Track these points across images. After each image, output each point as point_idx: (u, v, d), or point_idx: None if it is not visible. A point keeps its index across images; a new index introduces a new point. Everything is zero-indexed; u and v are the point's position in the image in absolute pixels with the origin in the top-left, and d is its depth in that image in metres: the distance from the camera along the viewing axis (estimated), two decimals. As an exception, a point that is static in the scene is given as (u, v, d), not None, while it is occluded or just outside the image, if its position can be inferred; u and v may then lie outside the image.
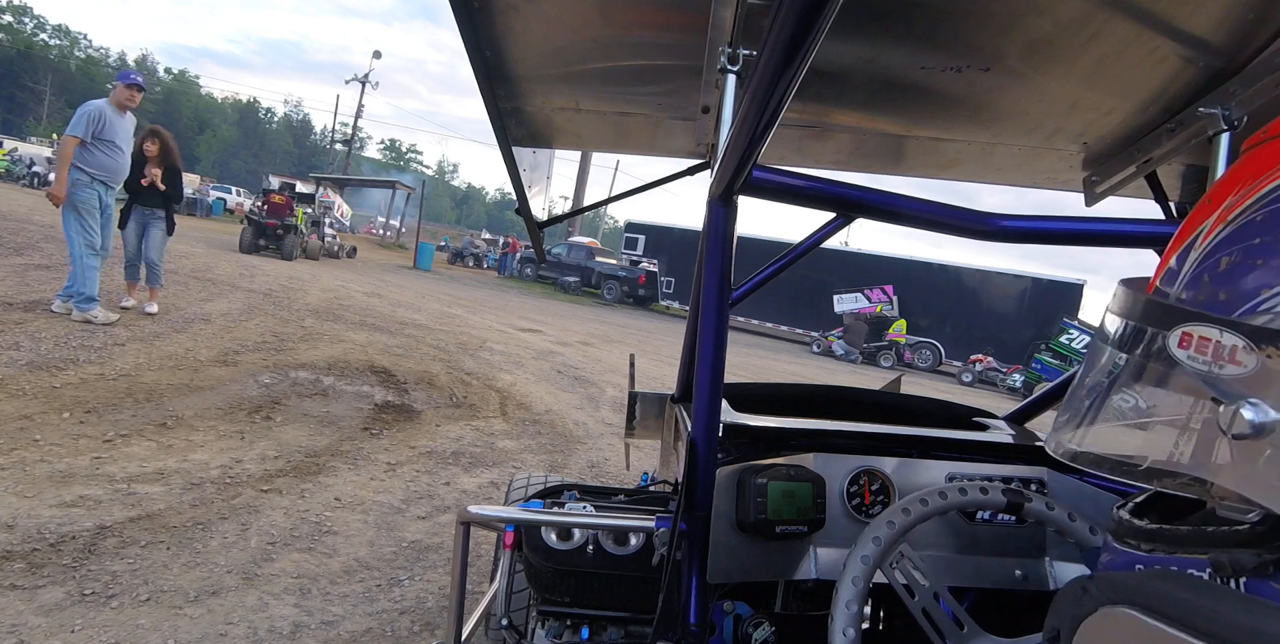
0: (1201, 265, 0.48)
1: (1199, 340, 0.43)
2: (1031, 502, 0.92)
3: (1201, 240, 0.49)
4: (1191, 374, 0.44)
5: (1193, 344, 0.44)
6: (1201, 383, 0.43)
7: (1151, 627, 0.39)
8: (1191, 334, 0.44)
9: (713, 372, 1.07)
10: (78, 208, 5.07)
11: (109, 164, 5.19)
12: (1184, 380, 0.45)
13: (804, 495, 1.03)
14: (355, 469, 3.46)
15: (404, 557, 2.64)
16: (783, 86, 0.73)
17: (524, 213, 1.78)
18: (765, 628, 1.11)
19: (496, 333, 8.83)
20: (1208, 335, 0.43)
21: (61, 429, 3.28)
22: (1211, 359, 0.43)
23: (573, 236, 25.63)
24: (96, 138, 5.07)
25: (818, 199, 1.04)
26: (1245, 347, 0.41)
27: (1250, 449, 0.40)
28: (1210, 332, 0.43)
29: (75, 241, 5.09)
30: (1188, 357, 0.44)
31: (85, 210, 5.10)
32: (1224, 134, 1.12)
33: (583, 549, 1.11)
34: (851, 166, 1.67)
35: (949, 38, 1.06)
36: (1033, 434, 1.58)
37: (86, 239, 5.11)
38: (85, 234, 5.11)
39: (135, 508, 2.65)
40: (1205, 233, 0.49)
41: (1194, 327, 0.44)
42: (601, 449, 4.57)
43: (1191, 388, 0.44)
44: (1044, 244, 1.06)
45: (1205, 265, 0.48)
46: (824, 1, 0.60)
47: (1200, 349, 0.43)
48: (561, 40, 1.20)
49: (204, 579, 2.27)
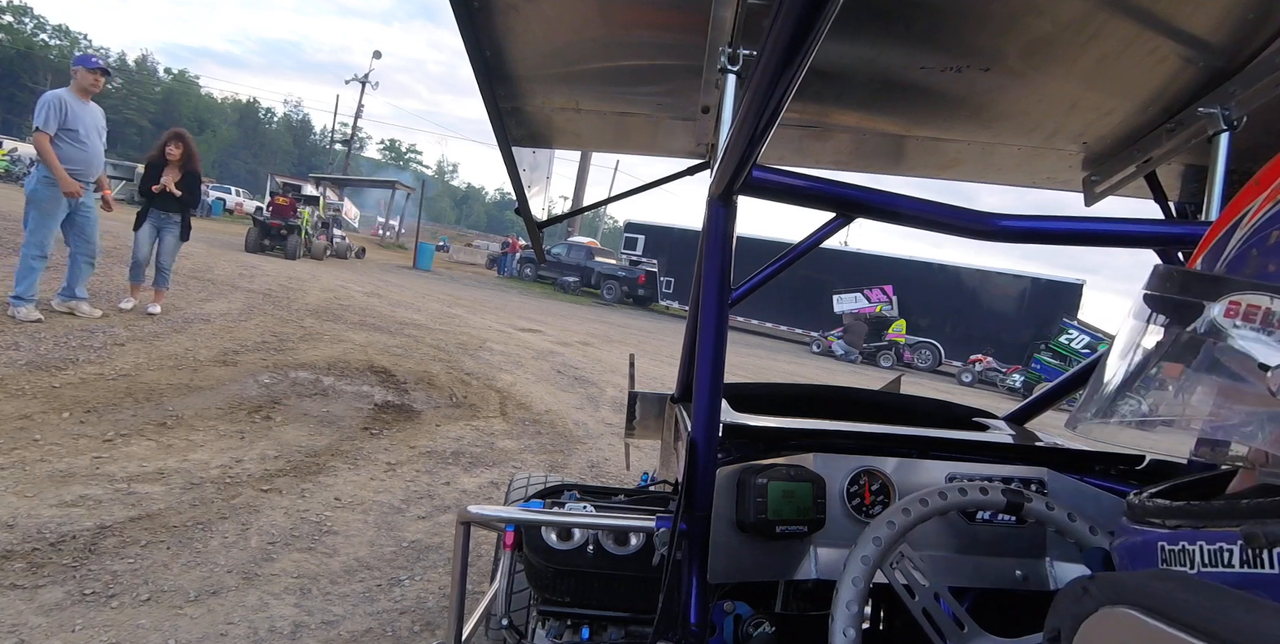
0: (1249, 241, 0.48)
1: (1247, 308, 0.44)
2: (1031, 502, 0.92)
3: (1249, 219, 0.49)
4: (1240, 341, 0.44)
5: (1240, 312, 0.44)
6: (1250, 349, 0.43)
7: (1152, 627, 0.39)
8: (1240, 302, 0.44)
9: (713, 372, 1.07)
10: (39, 205, 4.80)
11: (76, 155, 4.89)
12: (1230, 348, 0.44)
13: (804, 495, 1.03)
14: (355, 469, 3.46)
15: (404, 556, 2.65)
16: (783, 86, 0.73)
17: (524, 213, 1.78)
18: (765, 628, 1.11)
19: (496, 333, 8.83)
20: (1257, 303, 0.43)
21: (61, 429, 3.28)
22: (1261, 326, 0.43)
23: (572, 237, 25.62)
24: (61, 128, 4.80)
25: (818, 199, 1.04)
26: None
27: None
28: (1260, 299, 0.43)
29: (29, 241, 4.83)
30: (1234, 325, 0.44)
31: (44, 209, 4.82)
32: (1224, 134, 1.12)
33: (583, 549, 1.11)
34: (851, 166, 1.67)
35: (949, 38, 1.07)
36: (1033, 434, 1.57)
37: (39, 239, 4.82)
38: (39, 233, 4.83)
39: (135, 507, 2.65)
40: (1254, 212, 0.49)
41: (1242, 295, 0.44)
42: (601, 449, 4.57)
43: (1239, 355, 0.44)
44: (1044, 244, 1.05)
45: (1253, 241, 0.48)
46: (824, 1, 0.60)
47: (1249, 317, 0.44)
48: (561, 40, 1.20)
49: (204, 579, 2.27)
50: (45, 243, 4.90)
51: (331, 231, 17.12)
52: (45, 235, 4.89)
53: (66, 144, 4.87)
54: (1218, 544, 0.45)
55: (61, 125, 4.82)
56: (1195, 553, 0.47)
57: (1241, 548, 0.43)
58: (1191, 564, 0.47)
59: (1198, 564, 0.46)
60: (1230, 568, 0.44)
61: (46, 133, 4.76)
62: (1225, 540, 0.45)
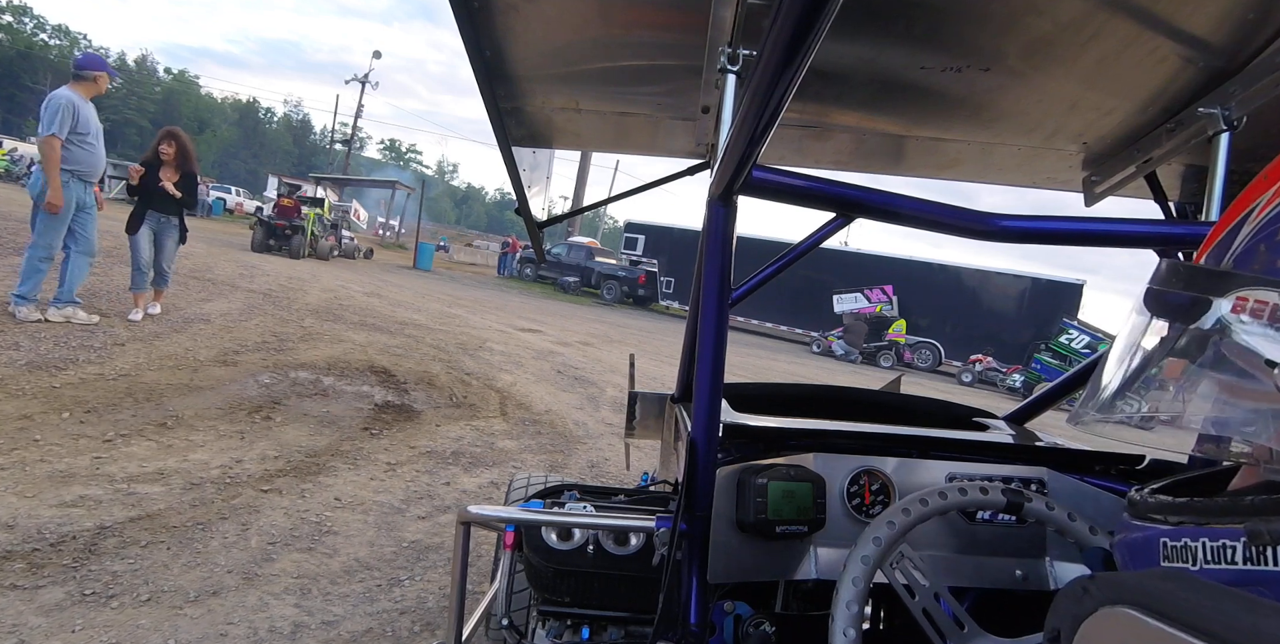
0: (1257, 236, 0.48)
1: (1255, 304, 0.43)
2: (1031, 501, 0.92)
3: (1257, 214, 0.49)
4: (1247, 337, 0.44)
5: (1247, 308, 0.44)
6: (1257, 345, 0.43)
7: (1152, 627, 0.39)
8: (1247, 298, 0.44)
9: (713, 372, 1.07)
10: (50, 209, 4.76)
11: (87, 159, 4.87)
12: (1237, 344, 0.44)
13: (804, 495, 1.03)
14: (355, 469, 3.46)
15: (404, 557, 2.65)
16: (783, 86, 0.73)
17: (524, 213, 1.78)
18: (765, 628, 1.11)
19: (496, 333, 8.83)
20: (1265, 299, 0.43)
21: (61, 429, 3.28)
22: (1269, 321, 0.43)
23: (573, 237, 25.62)
24: (72, 132, 4.75)
25: (818, 199, 1.04)
26: None
27: None
28: (1268, 295, 0.43)
29: (37, 243, 4.82)
30: (1240, 320, 0.44)
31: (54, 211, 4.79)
32: (1224, 134, 1.11)
33: (583, 549, 1.12)
34: (851, 166, 1.67)
35: (949, 38, 1.07)
36: (1033, 434, 1.57)
37: (48, 241, 4.80)
38: (48, 236, 4.81)
39: (135, 508, 2.65)
40: (1262, 206, 0.49)
41: (1250, 290, 0.44)
42: (601, 449, 4.57)
43: (1245, 351, 0.44)
44: (1044, 244, 1.05)
45: (1262, 236, 0.48)
46: (824, 1, 0.60)
47: (1256, 313, 0.43)
48: (561, 40, 1.20)
49: (204, 579, 2.28)
50: (54, 245, 4.90)
51: (340, 232, 17.59)
52: (54, 238, 4.88)
53: (76, 147, 4.84)
54: (1221, 541, 0.45)
55: (73, 129, 4.79)
56: (1198, 549, 0.46)
57: (1245, 545, 0.43)
58: (1194, 561, 0.47)
59: (1200, 561, 0.46)
60: (1234, 565, 0.44)
61: (59, 137, 4.71)
62: (1229, 537, 0.44)
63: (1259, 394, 0.43)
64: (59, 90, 4.89)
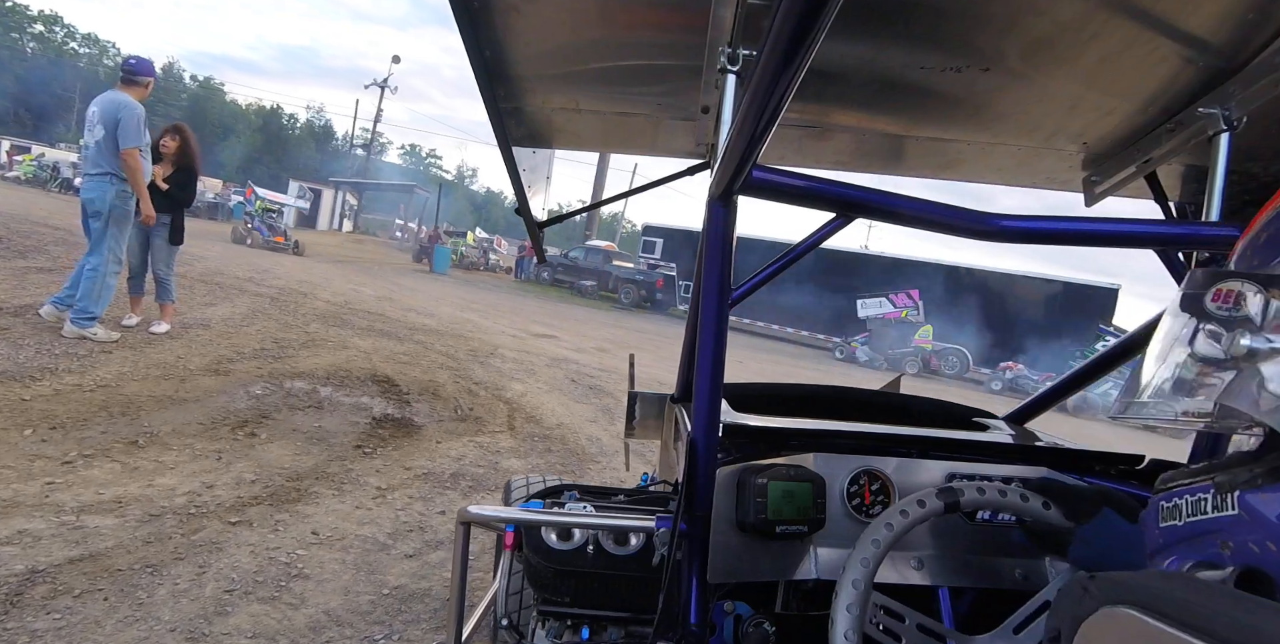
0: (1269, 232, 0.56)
1: (1227, 293, 0.50)
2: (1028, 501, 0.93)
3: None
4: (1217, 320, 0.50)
5: (1222, 296, 0.51)
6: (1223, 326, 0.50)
7: (1151, 627, 0.41)
8: (1223, 289, 0.51)
9: (713, 372, 1.07)
10: (119, 220, 4.63)
11: (148, 168, 4.79)
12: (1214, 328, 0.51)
13: (804, 495, 1.03)
14: (340, 495, 3.11)
15: (382, 608, 2.27)
16: (783, 86, 0.74)
17: (524, 213, 1.79)
18: (766, 628, 1.11)
19: (509, 338, 8.51)
20: (1232, 287, 0.50)
21: (19, 449, 2.97)
22: (1232, 305, 0.50)
23: (590, 240, 25.41)
24: None
25: (818, 199, 1.05)
26: (1256, 290, 0.49)
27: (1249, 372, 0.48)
28: (1233, 284, 0.50)
29: (104, 256, 4.60)
30: (1217, 307, 0.50)
31: (122, 224, 4.66)
32: (1224, 134, 1.11)
33: (583, 549, 1.11)
34: (851, 166, 1.68)
35: (949, 38, 1.08)
36: (1033, 434, 1.57)
37: (117, 254, 4.68)
38: (118, 249, 4.66)
39: (79, 546, 2.31)
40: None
41: (1226, 282, 0.51)
42: (616, 468, 4.19)
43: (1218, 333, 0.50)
44: (1044, 244, 1.05)
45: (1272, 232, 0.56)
46: (824, 1, 0.60)
47: (1226, 299, 0.50)
48: (561, 40, 1.22)
49: (140, 641, 1.92)
50: (122, 257, 4.80)
51: (488, 257, 25.25)
52: (122, 250, 4.78)
53: (144, 159, 4.71)
54: (1198, 496, 0.54)
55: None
56: (1182, 506, 0.56)
57: (1214, 495, 0.52)
58: (1180, 516, 0.56)
59: (1184, 515, 0.55)
60: (1205, 515, 0.53)
61: (139, 147, 4.55)
62: (1203, 492, 0.54)
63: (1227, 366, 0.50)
64: (122, 97, 4.68)
